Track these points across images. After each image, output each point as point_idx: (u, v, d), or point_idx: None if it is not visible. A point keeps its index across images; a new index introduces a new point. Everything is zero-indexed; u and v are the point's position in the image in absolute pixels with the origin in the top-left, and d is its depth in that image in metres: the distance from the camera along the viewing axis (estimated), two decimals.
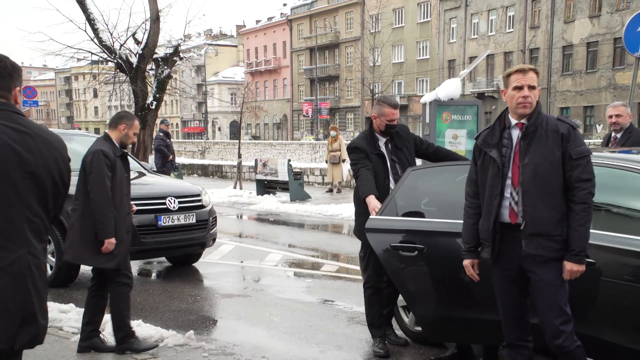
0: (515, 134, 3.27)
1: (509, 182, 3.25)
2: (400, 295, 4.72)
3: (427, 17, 46.09)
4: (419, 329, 4.65)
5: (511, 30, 39.33)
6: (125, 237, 4.50)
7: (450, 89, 8.01)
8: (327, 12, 55.75)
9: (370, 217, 4.31)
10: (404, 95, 47.40)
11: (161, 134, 13.93)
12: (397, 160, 4.62)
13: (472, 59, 38.53)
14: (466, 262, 3.48)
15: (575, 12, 35.77)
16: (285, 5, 65.74)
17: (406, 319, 4.89)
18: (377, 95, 45.01)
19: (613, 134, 6.03)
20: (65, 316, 5.22)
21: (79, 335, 4.65)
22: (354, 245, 7.76)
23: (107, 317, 4.70)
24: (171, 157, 13.98)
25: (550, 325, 3.17)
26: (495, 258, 3.32)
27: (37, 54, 55.72)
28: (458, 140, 7.99)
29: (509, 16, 39.56)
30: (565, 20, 36.31)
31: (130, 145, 5.69)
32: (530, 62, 38.14)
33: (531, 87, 3.21)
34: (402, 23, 47.90)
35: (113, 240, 4.34)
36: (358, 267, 6.52)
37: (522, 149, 3.21)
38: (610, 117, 5.98)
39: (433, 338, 4.45)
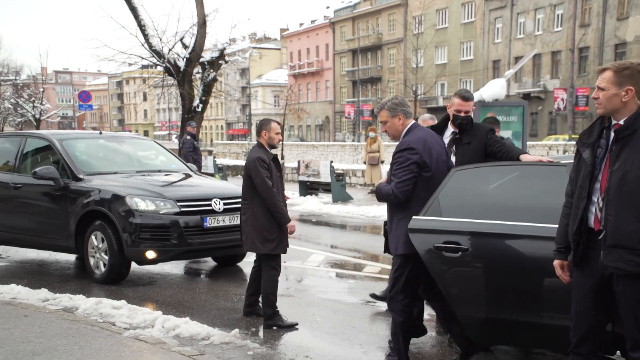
0: (613, 135, 3.06)
1: (597, 185, 3.07)
2: None
3: (471, 18, 45.44)
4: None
5: (559, 29, 38.37)
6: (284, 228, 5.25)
7: (495, 89, 7.89)
8: (369, 14, 55.59)
9: (414, 217, 4.29)
10: (447, 97, 46.83)
11: (188, 137, 14.05)
12: (456, 152, 4.58)
13: (517, 59, 37.71)
14: (556, 263, 3.32)
15: (629, 8, 34.58)
16: (328, 8, 65.91)
17: None
18: (419, 96, 44.68)
19: None
20: (117, 312, 5.37)
21: (131, 331, 4.78)
22: None
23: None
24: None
25: (632, 338, 3.03)
26: (577, 262, 3.16)
27: (93, 59, 57.44)
28: (503, 141, 7.85)
29: (557, 15, 38.61)
30: (618, 17, 35.15)
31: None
32: (580, 62, 37.14)
33: (600, 88, 3.05)
34: (445, 24, 47.35)
35: (292, 222, 5.26)
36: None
37: (613, 153, 3.01)
38: None
39: (477, 340, 4.39)
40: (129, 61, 17.81)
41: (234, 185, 7.93)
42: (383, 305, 5.95)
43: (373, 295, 5.96)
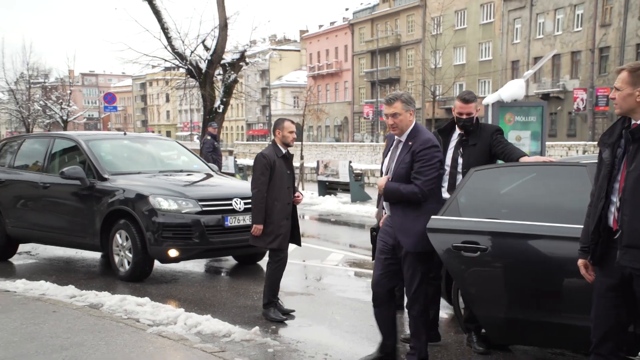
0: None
1: (616, 185, 3.04)
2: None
3: (490, 18, 45.06)
4: (482, 331, 4.57)
5: (579, 29, 37.84)
6: (285, 223, 5.41)
7: (513, 89, 7.81)
8: (388, 16, 55.43)
9: (432, 217, 4.28)
10: None
11: (209, 137, 14.14)
12: (463, 154, 4.59)
13: (536, 59, 37.35)
14: (580, 262, 3.28)
15: None
16: (347, 9, 65.84)
17: None
18: (437, 97, 44.41)
19: None
20: (141, 309, 5.43)
21: (154, 327, 4.85)
22: None
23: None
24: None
25: None
26: (596, 262, 3.13)
27: (118, 62, 58.18)
28: (522, 141, 7.79)
29: (577, 15, 38.08)
30: None
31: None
32: (600, 62, 36.61)
33: (616, 89, 3.04)
34: (464, 25, 47.03)
35: (260, 226, 5.34)
36: None
37: (630, 153, 2.98)
38: None
39: (496, 340, 4.37)
40: (152, 63, 17.99)
41: None
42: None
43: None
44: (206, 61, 16.03)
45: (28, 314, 5.17)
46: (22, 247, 8.66)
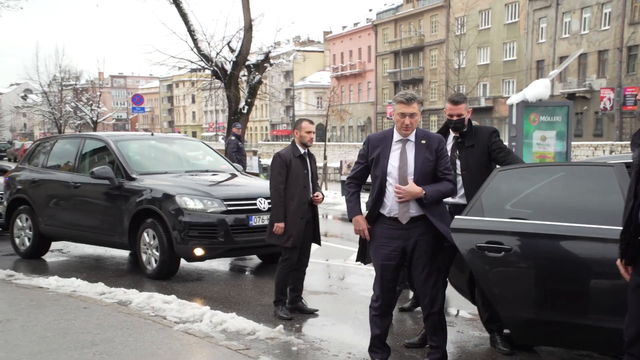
0: None
1: None
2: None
3: (514, 18, 44.51)
4: (506, 331, 4.52)
5: (607, 27, 37.13)
6: (299, 221, 5.42)
7: (538, 89, 7.70)
8: (412, 16, 55.11)
9: (456, 217, 4.24)
10: (489, 97, 46.01)
11: (233, 137, 14.21)
12: (460, 156, 4.59)
13: (562, 59, 36.77)
14: (618, 262, 3.20)
15: None
16: (370, 10, 65.66)
17: None
18: None
19: None
20: (168, 306, 5.50)
21: (180, 325, 4.90)
22: None
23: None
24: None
25: None
26: (629, 261, 3.07)
27: (146, 64, 58.94)
28: (547, 142, 7.67)
29: (605, 13, 37.36)
30: None
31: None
32: (628, 60, 35.88)
33: None
34: (488, 25, 46.53)
35: (281, 224, 5.35)
36: None
37: None
38: None
39: (520, 341, 4.32)
40: (178, 65, 18.17)
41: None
42: None
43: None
44: (231, 63, 16.14)
45: (60, 310, 5.27)
46: (54, 245, 8.82)
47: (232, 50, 16.42)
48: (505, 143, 5.28)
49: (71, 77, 49.59)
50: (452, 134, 4.69)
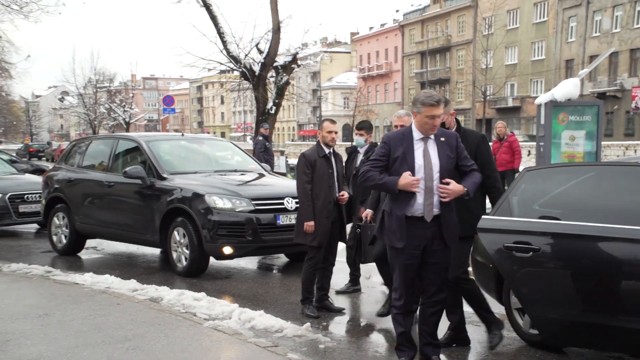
0: None
1: None
2: (513, 298, 4.55)
3: (543, 17, 43.79)
4: (535, 332, 4.45)
5: (639, 25, 36.26)
6: (325, 221, 5.44)
7: (567, 88, 7.57)
8: (439, 17, 54.66)
9: (483, 217, 4.20)
10: (516, 97, 45.33)
11: (260, 137, 14.25)
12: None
13: (592, 57, 36.00)
14: None
15: None
16: (397, 11, 65.33)
17: (520, 322, 4.68)
18: (488, 97, 43.44)
19: None
20: (198, 303, 5.55)
21: (210, 321, 4.95)
22: None
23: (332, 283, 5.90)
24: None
25: None
26: None
27: (176, 66, 59.81)
28: (576, 141, 7.54)
29: (638, 11, 36.50)
30: None
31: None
32: None
33: None
34: (516, 24, 45.87)
35: (311, 223, 5.36)
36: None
37: None
38: None
39: (550, 342, 4.25)
40: (208, 67, 18.35)
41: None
42: None
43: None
44: (259, 64, 16.23)
45: (95, 306, 5.38)
46: (88, 243, 8.99)
47: (260, 52, 16.51)
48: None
49: (105, 80, 50.55)
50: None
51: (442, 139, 3.92)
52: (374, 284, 7.00)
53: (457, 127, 4.50)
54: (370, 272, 7.57)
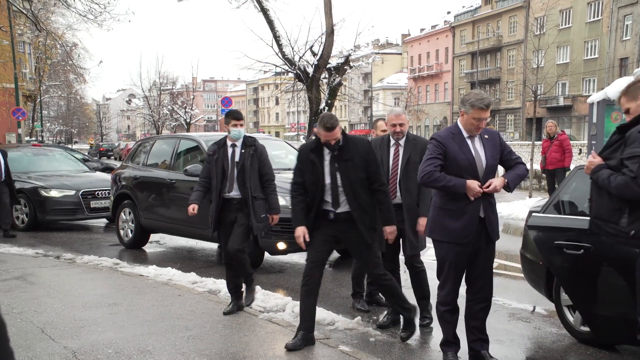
0: None
1: None
2: (564, 294, 4.41)
3: (597, 16, 42.06)
4: (586, 329, 4.30)
5: None
6: None
7: (620, 87, 7.26)
8: (490, 18, 53.39)
9: (534, 214, 4.09)
10: (568, 96, 43.75)
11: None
12: (339, 169, 4.40)
13: None
14: None
15: None
16: (449, 13, 64.19)
17: (571, 319, 4.53)
18: (539, 96, 42.04)
19: None
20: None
21: (265, 314, 5.01)
22: (511, 243, 7.38)
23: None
24: None
25: None
26: None
27: (234, 68, 60.86)
28: None
29: None
30: None
31: None
32: None
33: None
34: (569, 24, 44.26)
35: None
36: (516, 264, 6.20)
37: None
38: None
39: (602, 339, 4.09)
40: (264, 69, 18.55)
41: None
42: (501, 300, 5.72)
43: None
44: (313, 66, 16.28)
45: (158, 297, 5.55)
46: (152, 237, 9.28)
47: (314, 54, 16.57)
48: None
49: (168, 82, 52.02)
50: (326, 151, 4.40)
51: (486, 136, 3.89)
52: None
53: (344, 137, 4.33)
54: None
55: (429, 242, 4.30)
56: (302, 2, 24.60)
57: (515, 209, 12.07)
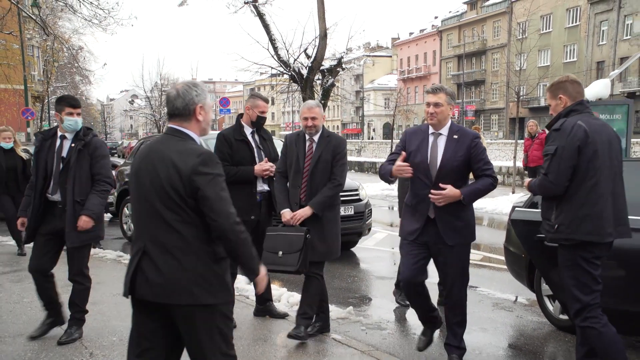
0: None
1: None
2: (544, 285, 4.43)
3: (575, 22, 42.25)
4: (565, 317, 4.32)
5: None
6: None
7: (598, 88, 7.31)
8: (475, 22, 53.51)
9: (517, 209, 4.10)
10: None
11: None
12: (262, 148, 4.56)
13: (623, 59, 34.49)
14: None
15: None
16: (436, 17, 64.28)
17: (551, 308, 4.56)
18: (522, 97, 42.20)
19: None
20: (250, 287, 5.56)
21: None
22: (496, 237, 7.43)
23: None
24: None
25: None
26: None
27: (232, 70, 60.90)
28: None
29: None
30: None
31: None
32: None
33: None
34: (549, 28, 44.43)
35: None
36: (500, 257, 6.22)
37: None
38: None
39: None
40: (260, 71, 18.50)
41: (349, 179, 7.96)
42: (485, 290, 5.74)
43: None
44: (307, 68, 16.25)
45: None
46: None
47: (308, 57, 16.53)
48: None
49: (169, 83, 51.77)
50: (248, 129, 4.59)
51: (455, 136, 3.56)
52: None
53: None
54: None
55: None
56: (297, 7, 24.58)
57: (499, 204, 12.16)
